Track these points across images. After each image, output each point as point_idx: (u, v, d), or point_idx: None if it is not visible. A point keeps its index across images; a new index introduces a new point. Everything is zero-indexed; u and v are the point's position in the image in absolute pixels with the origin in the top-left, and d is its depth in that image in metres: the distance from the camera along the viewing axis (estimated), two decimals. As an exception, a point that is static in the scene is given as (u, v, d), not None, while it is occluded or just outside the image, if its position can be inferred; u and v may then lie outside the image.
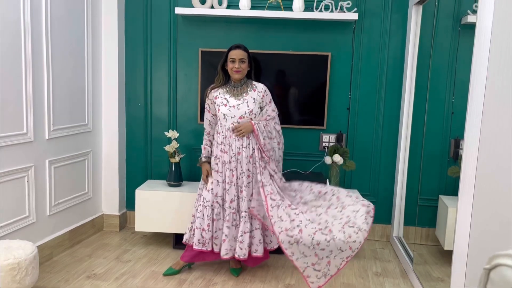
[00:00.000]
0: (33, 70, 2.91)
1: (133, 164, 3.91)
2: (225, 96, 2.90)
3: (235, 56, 2.83)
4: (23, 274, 2.38)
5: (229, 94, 2.91)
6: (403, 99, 3.57)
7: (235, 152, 2.87)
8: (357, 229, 2.58)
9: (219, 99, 2.91)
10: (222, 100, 2.90)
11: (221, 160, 2.91)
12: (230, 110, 2.87)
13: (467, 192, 2.08)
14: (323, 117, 3.69)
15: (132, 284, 2.88)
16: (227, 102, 2.89)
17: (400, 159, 3.60)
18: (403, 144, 3.58)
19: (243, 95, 2.90)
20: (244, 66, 2.86)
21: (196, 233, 2.92)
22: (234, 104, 2.88)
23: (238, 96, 2.90)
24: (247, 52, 2.88)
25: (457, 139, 2.99)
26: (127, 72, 3.82)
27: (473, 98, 2.06)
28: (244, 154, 2.87)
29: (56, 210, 3.24)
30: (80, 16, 3.38)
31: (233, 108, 2.87)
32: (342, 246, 2.59)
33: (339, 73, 3.67)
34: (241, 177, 2.88)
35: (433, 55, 3.09)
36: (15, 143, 2.80)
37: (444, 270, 2.87)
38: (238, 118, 2.87)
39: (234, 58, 2.83)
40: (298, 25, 3.64)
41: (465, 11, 2.91)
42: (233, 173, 2.88)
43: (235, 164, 2.88)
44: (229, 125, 2.87)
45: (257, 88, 2.95)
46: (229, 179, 2.89)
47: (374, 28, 3.62)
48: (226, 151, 2.89)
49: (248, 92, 2.92)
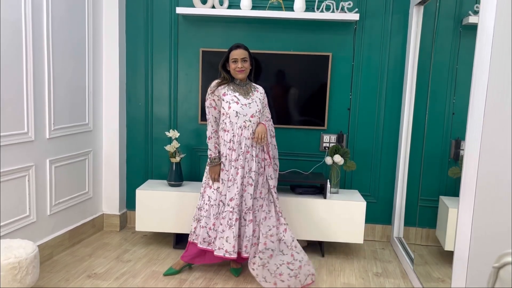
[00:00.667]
0: (34, 69, 2.91)
1: (134, 164, 3.91)
2: (235, 94, 2.88)
3: (237, 56, 2.83)
4: (24, 273, 2.37)
5: (237, 92, 2.89)
6: (404, 100, 3.57)
7: (244, 150, 2.86)
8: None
9: (228, 96, 2.87)
10: (233, 98, 2.87)
11: (228, 158, 2.89)
12: (243, 108, 2.85)
13: (468, 193, 2.08)
14: (323, 117, 3.69)
15: (133, 284, 2.88)
16: (238, 100, 2.87)
17: (401, 160, 3.60)
18: (403, 144, 3.58)
19: (250, 94, 2.91)
20: (246, 65, 2.86)
21: (202, 232, 2.92)
22: (245, 103, 2.87)
23: (247, 95, 2.89)
24: (248, 51, 2.88)
25: (458, 139, 2.99)
26: (127, 72, 3.82)
27: (475, 99, 2.06)
28: (253, 153, 2.87)
29: (57, 210, 3.24)
30: (81, 16, 3.38)
31: (245, 106, 2.86)
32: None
33: (340, 73, 3.67)
34: (247, 175, 2.87)
35: (434, 55, 3.09)
36: (15, 142, 2.80)
37: (445, 271, 2.87)
38: (250, 116, 2.87)
39: (236, 58, 2.83)
40: (299, 25, 3.64)
41: (466, 12, 2.90)
42: (237, 171, 2.86)
43: (243, 162, 2.86)
44: (241, 123, 2.85)
45: (259, 90, 2.99)
46: (232, 177, 2.87)
47: (375, 28, 3.62)
48: (234, 149, 2.87)
49: (253, 92, 2.93)
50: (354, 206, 3.34)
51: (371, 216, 3.73)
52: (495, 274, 1.01)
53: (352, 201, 3.37)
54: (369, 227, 3.79)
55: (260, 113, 2.92)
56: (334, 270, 3.22)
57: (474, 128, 2.06)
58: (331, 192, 3.49)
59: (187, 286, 2.87)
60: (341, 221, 3.35)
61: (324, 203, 3.35)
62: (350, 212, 3.34)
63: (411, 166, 3.50)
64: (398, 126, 3.68)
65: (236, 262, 3.06)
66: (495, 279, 1.01)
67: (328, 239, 3.39)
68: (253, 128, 2.88)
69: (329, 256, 3.46)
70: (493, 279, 1.01)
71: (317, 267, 3.25)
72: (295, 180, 3.50)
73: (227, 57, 2.88)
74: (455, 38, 3.08)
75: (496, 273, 1.01)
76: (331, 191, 3.49)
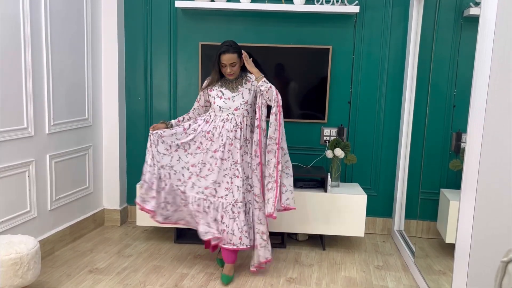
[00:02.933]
0: (33, 64, 2.90)
1: (134, 159, 3.90)
2: (221, 89, 2.92)
3: (225, 61, 2.82)
4: (25, 268, 2.38)
5: (224, 87, 2.92)
6: (405, 92, 3.56)
7: (226, 142, 2.85)
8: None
9: (214, 91, 2.93)
10: (218, 93, 2.92)
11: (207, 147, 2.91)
12: (225, 102, 2.89)
13: (470, 186, 2.08)
14: (324, 111, 3.68)
15: (134, 278, 2.88)
16: (222, 95, 2.90)
17: (402, 153, 3.60)
18: (404, 137, 3.58)
19: (238, 88, 2.91)
20: (235, 69, 2.87)
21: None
22: (229, 96, 2.89)
23: (234, 89, 2.91)
24: (236, 53, 2.83)
25: (459, 132, 2.99)
26: (127, 66, 3.80)
27: (476, 92, 2.05)
28: (237, 145, 2.86)
29: (57, 205, 3.24)
30: (80, 11, 3.36)
31: (228, 100, 2.89)
32: None
33: (340, 66, 3.65)
34: (232, 168, 2.87)
35: (434, 48, 3.07)
36: (15, 138, 2.80)
37: (446, 263, 2.88)
38: (233, 109, 2.88)
39: (225, 64, 2.83)
40: (299, 18, 3.62)
41: (467, 4, 2.89)
42: (216, 161, 2.87)
43: (222, 154, 2.85)
44: (224, 116, 2.88)
45: (251, 79, 2.93)
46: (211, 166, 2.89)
47: (376, 21, 3.60)
48: (213, 140, 2.89)
49: (243, 85, 2.92)
50: (355, 200, 3.34)
51: (372, 209, 3.73)
52: (503, 269, 1.01)
53: (353, 194, 3.37)
54: (370, 220, 3.79)
55: (247, 104, 2.90)
56: (335, 263, 3.23)
57: (475, 120, 2.05)
58: (332, 185, 3.49)
59: (188, 281, 2.88)
60: (342, 215, 3.35)
61: (325, 196, 3.35)
62: (351, 205, 3.34)
63: (412, 159, 3.49)
64: (399, 119, 3.67)
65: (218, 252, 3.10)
66: (503, 273, 1.00)
67: (329, 232, 3.39)
68: (237, 121, 2.88)
69: (330, 250, 3.47)
70: (501, 274, 1.01)
71: (318, 260, 3.26)
72: (296, 174, 3.47)
73: (218, 58, 2.85)
74: (456, 30, 3.06)
75: (505, 268, 1.00)
76: (332, 184, 3.49)
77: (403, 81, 3.61)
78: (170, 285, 2.81)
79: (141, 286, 2.78)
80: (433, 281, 2.76)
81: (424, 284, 2.78)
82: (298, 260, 3.25)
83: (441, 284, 2.72)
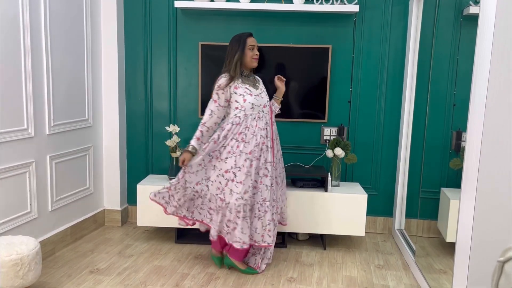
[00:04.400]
0: (33, 65, 2.90)
1: (134, 159, 3.90)
2: (245, 86, 2.84)
3: (254, 42, 2.84)
4: (26, 269, 2.38)
5: (247, 84, 2.86)
6: (405, 91, 3.56)
7: (260, 141, 2.82)
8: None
9: (240, 89, 2.82)
10: (245, 90, 2.83)
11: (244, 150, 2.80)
12: (257, 99, 2.84)
13: (470, 184, 2.08)
14: (324, 110, 3.68)
15: (135, 278, 2.88)
16: (251, 92, 2.84)
17: (402, 152, 3.59)
18: (404, 136, 3.58)
19: (257, 85, 2.92)
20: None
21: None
22: (257, 94, 2.86)
23: (255, 86, 2.90)
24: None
25: (459, 131, 2.98)
26: (127, 67, 3.81)
27: (476, 90, 2.05)
28: (269, 144, 2.86)
29: (58, 206, 3.24)
30: (79, 11, 3.36)
31: (258, 97, 2.85)
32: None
33: (340, 65, 3.65)
34: (263, 167, 2.84)
35: (434, 47, 3.07)
36: (15, 139, 2.80)
37: (446, 262, 2.88)
38: (262, 107, 2.87)
39: (253, 45, 2.83)
40: (298, 17, 3.62)
41: (467, 2, 2.88)
42: (252, 163, 2.78)
43: (258, 153, 2.81)
44: (256, 114, 2.83)
45: (260, 81, 3.00)
46: (247, 169, 2.79)
47: (375, 20, 3.60)
48: (247, 141, 2.80)
49: (258, 82, 2.96)
50: (355, 199, 3.34)
51: (372, 208, 3.73)
52: (500, 269, 1.00)
53: (353, 193, 3.37)
54: (370, 220, 3.79)
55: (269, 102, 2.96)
56: (336, 262, 3.23)
57: (475, 119, 2.05)
58: (332, 185, 3.49)
59: (189, 281, 2.88)
60: (343, 214, 3.35)
61: (325, 196, 3.35)
62: (351, 204, 3.34)
63: (412, 158, 3.49)
64: (399, 118, 3.67)
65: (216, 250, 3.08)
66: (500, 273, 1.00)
67: (329, 232, 3.39)
68: (266, 118, 2.87)
69: (330, 249, 3.47)
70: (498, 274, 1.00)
71: (319, 260, 3.26)
72: (296, 173, 3.50)
73: (244, 46, 2.81)
74: (455, 28, 3.06)
75: (501, 268, 1.00)
76: (332, 184, 3.49)
77: (403, 80, 3.61)
78: (171, 285, 2.81)
79: (142, 286, 2.78)
80: (433, 280, 2.76)
81: (424, 283, 2.78)
82: (299, 260, 3.25)
83: (442, 283, 2.72)
